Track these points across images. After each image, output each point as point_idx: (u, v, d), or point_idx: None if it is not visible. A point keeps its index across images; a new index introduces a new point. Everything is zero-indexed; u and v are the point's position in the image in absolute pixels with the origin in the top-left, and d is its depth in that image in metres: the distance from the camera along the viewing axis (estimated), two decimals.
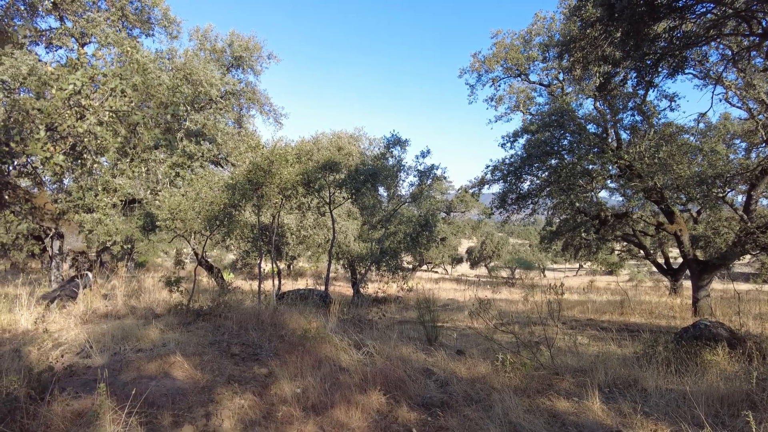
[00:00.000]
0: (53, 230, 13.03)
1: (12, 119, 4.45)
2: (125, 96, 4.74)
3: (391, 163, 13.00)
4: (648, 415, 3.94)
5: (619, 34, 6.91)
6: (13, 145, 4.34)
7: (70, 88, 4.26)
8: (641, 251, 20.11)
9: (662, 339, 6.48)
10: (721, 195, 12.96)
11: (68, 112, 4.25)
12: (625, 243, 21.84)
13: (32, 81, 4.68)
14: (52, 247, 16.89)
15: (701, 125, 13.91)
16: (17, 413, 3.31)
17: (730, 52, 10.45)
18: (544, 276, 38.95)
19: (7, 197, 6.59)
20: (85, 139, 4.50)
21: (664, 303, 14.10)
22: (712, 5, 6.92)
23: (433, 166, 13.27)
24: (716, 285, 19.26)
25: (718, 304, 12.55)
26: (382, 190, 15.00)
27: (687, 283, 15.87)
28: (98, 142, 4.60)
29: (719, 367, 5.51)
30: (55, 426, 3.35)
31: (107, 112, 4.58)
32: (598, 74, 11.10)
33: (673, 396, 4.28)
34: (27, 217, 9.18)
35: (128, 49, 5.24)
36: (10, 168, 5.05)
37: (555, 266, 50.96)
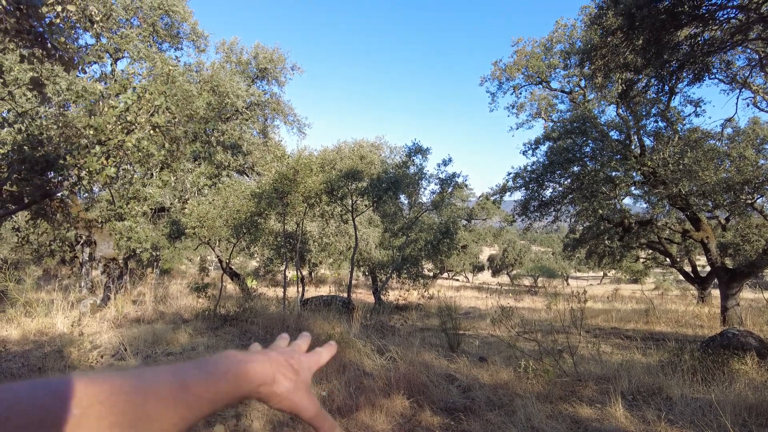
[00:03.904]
0: (84, 237, 13.51)
1: (64, 134, 4.74)
2: (170, 112, 5.01)
3: (412, 171, 13.10)
4: (673, 423, 3.93)
5: (640, 42, 6.91)
6: (68, 158, 4.63)
7: (121, 106, 4.53)
8: (667, 259, 19.68)
9: (688, 348, 6.40)
10: (750, 201, 12.67)
11: (117, 128, 4.52)
12: (650, 251, 21.43)
13: (83, 100, 4.99)
14: (83, 253, 17.43)
15: (728, 130, 13.66)
16: None
17: (757, 56, 10.28)
18: (568, 284, 38.35)
19: (47, 207, 6.95)
20: (129, 152, 4.77)
21: (691, 312, 13.80)
22: (736, 11, 6.87)
23: (454, 174, 13.30)
24: (747, 294, 18.74)
25: (748, 314, 12.23)
26: (403, 198, 15.11)
27: (716, 292, 15.50)
28: (141, 154, 4.88)
29: (748, 376, 5.42)
30: None
31: (150, 127, 4.85)
32: (620, 81, 11.03)
33: (699, 404, 4.25)
34: (62, 225, 9.59)
35: (169, 67, 5.53)
36: (65, 180, 5.37)
37: (578, 274, 50.11)
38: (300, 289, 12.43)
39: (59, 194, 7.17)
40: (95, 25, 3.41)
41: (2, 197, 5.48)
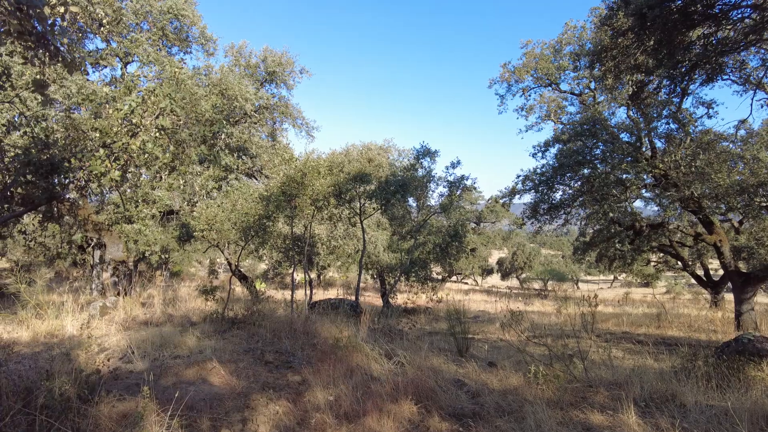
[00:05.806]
0: (94, 240, 13.64)
1: (70, 137, 4.78)
2: (175, 115, 5.03)
3: (420, 173, 13.06)
4: (687, 431, 3.84)
5: (651, 43, 6.82)
6: (73, 161, 4.66)
7: (125, 108, 4.56)
8: (679, 263, 19.44)
9: (702, 353, 6.27)
10: (764, 204, 12.44)
11: (123, 130, 4.54)
12: (661, 254, 21.17)
13: (90, 102, 5.04)
14: (93, 256, 17.61)
15: (742, 132, 13.44)
16: (70, 412, 3.50)
17: None
18: (578, 288, 38.04)
19: (56, 210, 7.01)
20: (134, 155, 4.79)
21: (704, 316, 13.59)
22: (750, 11, 6.76)
23: (463, 177, 13.24)
24: (762, 298, 18.44)
25: (763, 319, 12.03)
26: (411, 201, 15.06)
27: (729, 296, 15.25)
28: (146, 157, 4.90)
29: (764, 383, 5.30)
30: (104, 425, 3.53)
31: (156, 130, 4.87)
32: (630, 83, 10.92)
33: (714, 412, 4.15)
34: (73, 228, 9.67)
35: (175, 70, 5.55)
36: (71, 183, 5.41)
37: (589, 278, 49.70)
38: (308, 292, 12.42)
39: (68, 197, 7.24)
40: (102, 28, 3.41)
41: (11, 200, 5.54)
